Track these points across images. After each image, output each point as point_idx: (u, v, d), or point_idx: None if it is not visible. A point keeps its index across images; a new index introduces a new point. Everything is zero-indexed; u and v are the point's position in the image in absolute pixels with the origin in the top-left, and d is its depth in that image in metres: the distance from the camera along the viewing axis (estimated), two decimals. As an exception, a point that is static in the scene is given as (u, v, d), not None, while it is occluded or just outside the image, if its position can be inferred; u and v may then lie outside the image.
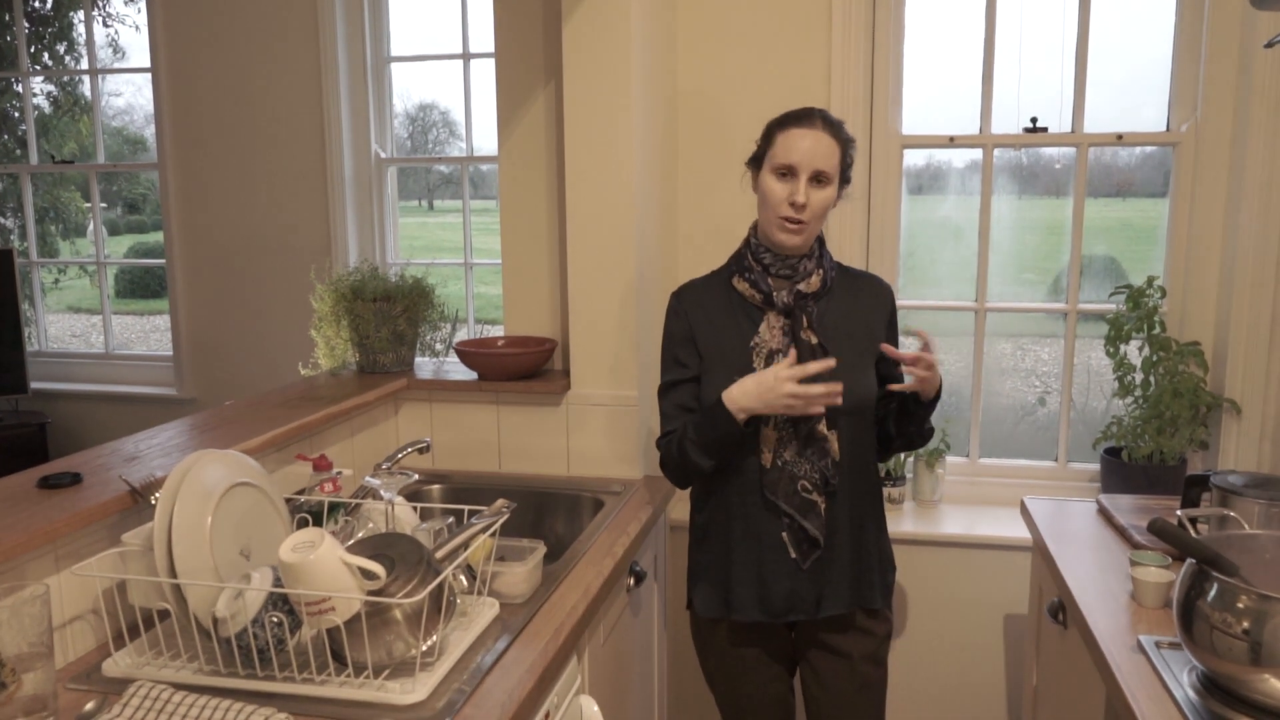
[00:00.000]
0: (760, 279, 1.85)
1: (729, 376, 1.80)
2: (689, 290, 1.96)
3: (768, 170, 1.83)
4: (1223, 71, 2.51)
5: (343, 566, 1.37)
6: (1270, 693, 1.28)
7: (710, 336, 1.88)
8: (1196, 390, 2.50)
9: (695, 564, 1.95)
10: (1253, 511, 1.72)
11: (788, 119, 1.84)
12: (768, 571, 1.85)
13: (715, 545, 1.90)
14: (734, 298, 1.89)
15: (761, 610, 1.86)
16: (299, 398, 2.22)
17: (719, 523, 1.89)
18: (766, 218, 1.84)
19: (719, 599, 1.90)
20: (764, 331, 1.85)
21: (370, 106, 3.60)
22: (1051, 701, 2.08)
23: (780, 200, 1.80)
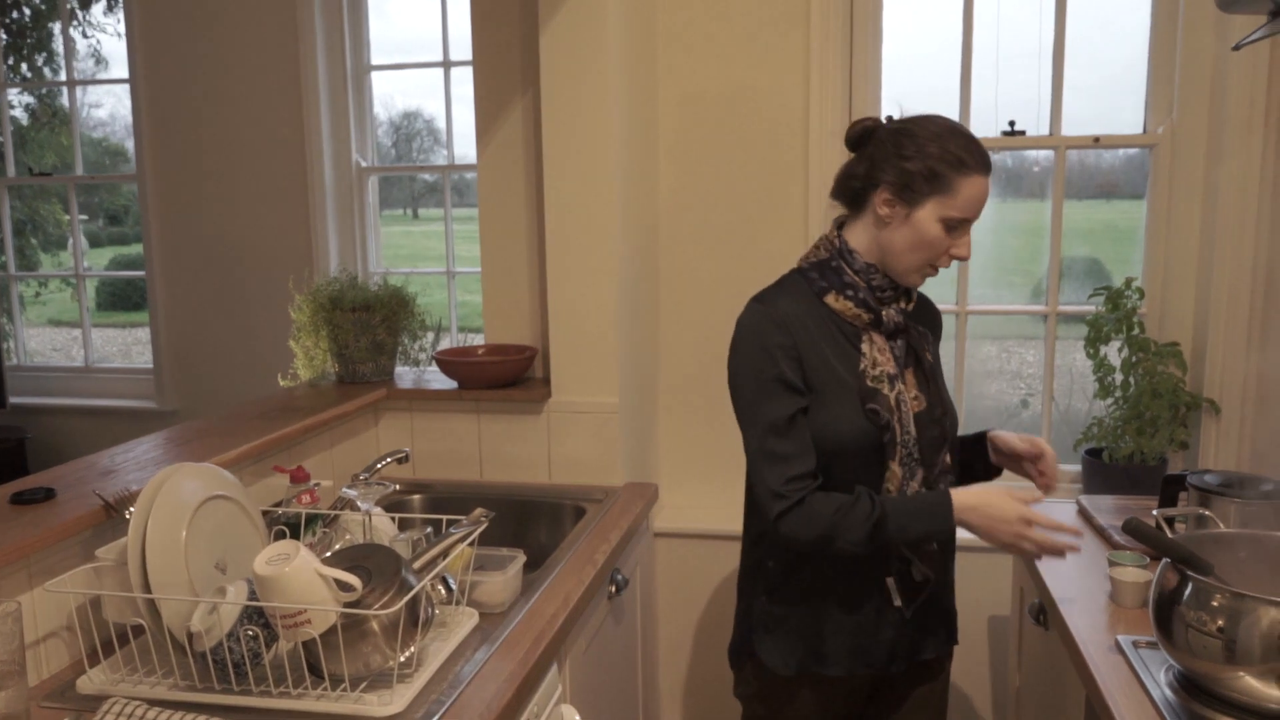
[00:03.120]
0: (869, 297, 1.63)
1: (850, 406, 1.59)
2: (778, 301, 1.65)
3: (934, 216, 1.56)
4: (1197, 74, 2.52)
5: (318, 578, 1.36)
6: (1246, 690, 1.28)
7: (818, 359, 1.61)
8: (1175, 390, 2.51)
9: (766, 615, 1.70)
10: (1229, 511, 1.73)
11: (966, 159, 1.56)
12: (867, 621, 1.66)
13: (796, 593, 1.67)
14: (827, 314, 1.64)
15: (862, 662, 1.68)
16: (277, 409, 2.21)
17: (805, 570, 1.66)
18: (911, 262, 1.61)
19: (803, 652, 1.68)
20: (871, 353, 1.63)
21: (350, 115, 3.59)
22: (1034, 702, 2.08)
23: (940, 252, 1.59)
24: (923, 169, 1.56)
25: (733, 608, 1.83)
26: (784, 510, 1.56)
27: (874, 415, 1.59)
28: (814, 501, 1.56)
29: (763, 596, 1.71)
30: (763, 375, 1.60)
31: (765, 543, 1.70)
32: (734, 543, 2.70)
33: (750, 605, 1.74)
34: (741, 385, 1.64)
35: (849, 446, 1.60)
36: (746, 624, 1.74)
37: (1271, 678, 1.26)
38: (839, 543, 1.55)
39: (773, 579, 1.69)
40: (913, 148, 1.57)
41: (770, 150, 2.68)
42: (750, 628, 1.73)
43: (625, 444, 2.41)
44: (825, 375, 1.60)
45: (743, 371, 1.63)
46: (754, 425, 1.61)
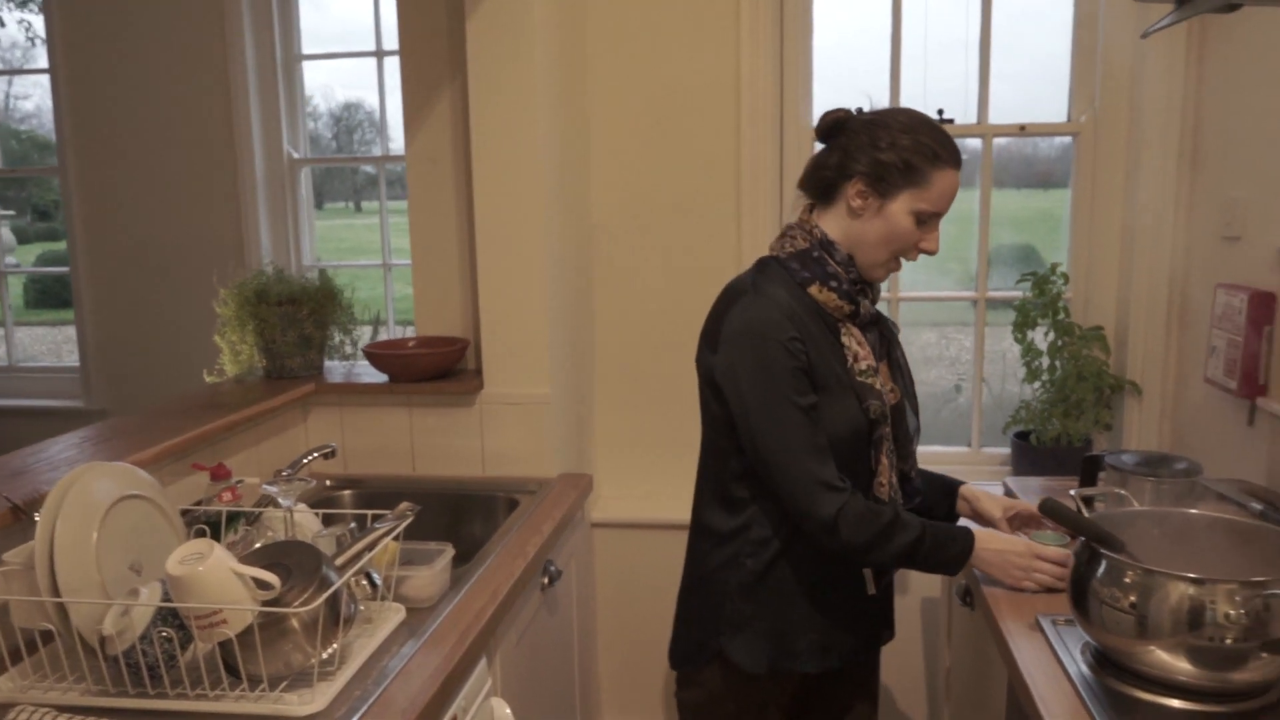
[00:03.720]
0: (851, 289, 1.62)
1: (847, 402, 1.59)
2: (775, 291, 1.60)
3: (906, 207, 1.56)
4: (1118, 64, 2.57)
5: (234, 577, 1.33)
6: (1156, 664, 1.31)
7: (818, 354, 1.58)
8: (1100, 373, 2.57)
9: (737, 613, 1.66)
10: (1144, 489, 1.77)
11: (940, 152, 1.56)
12: (838, 614, 1.68)
13: (771, 592, 1.65)
14: (811, 306, 1.61)
15: (834, 655, 1.68)
16: (200, 406, 2.16)
17: (783, 567, 1.65)
18: (879, 254, 1.60)
19: (775, 650, 1.66)
20: (852, 346, 1.61)
21: (281, 106, 3.52)
22: (963, 682, 2.12)
23: (909, 245, 1.60)
24: (897, 160, 1.55)
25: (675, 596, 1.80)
26: (845, 502, 1.54)
27: (868, 411, 1.60)
28: (867, 505, 1.56)
29: (734, 595, 1.66)
30: (781, 368, 1.54)
31: (744, 538, 1.65)
32: (672, 532, 2.72)
33: (715, 604, 1.68)
34: (754, 378, 1.56)
35: (845, 441, 1.59)
36: (708, 624, 1.69)
37: (1180, 651, 1.29)
38: (883, 550, 1.56)
39: (749, 577, 1.65)
40: (886, 139, 1.56)
41: (703, 141, 2.69)
42: (715, 628, 1.67)
43: (559, 435, 2.40)
44: (827, 372, 1.58)
45: (754, 364, 1.56)
46: (784, 420, 1.55)
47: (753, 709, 1.71)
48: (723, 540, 1.68)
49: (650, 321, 2.77)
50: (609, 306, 2.79)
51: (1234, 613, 1.25)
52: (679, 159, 2.70)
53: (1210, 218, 2.38)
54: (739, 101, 2.65)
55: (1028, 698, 1.38)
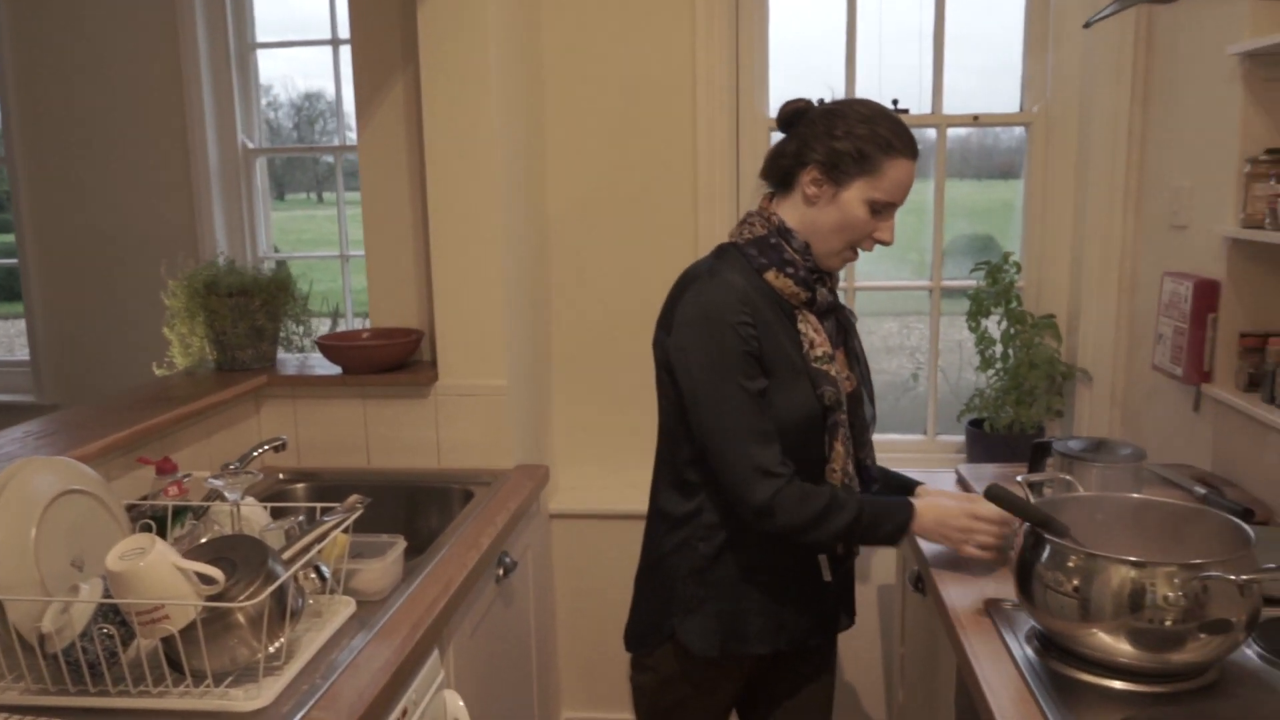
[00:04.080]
0: (808, 278, 1.62)
1: (801, 388, 1.59)
2: (731, 276, 1.60)
3: (860, 197, 1.57)
4: (1069, 55, 2.60)
5: (176, 572, 1.32)
6: (1098, 646, 1.33)
7: (771, 340, 1.58)
8: (1051, 361, 2.60)
9: (689, 597, 1.66)
10: (1090, 474, 1.79)
11: (893, 141, 1.57)
12: (793, 597, 1.68)
13: (723, 575, 1.66)
14: (768, 293, 1.62)
15: (785, 638, 1.69)
16: (149, 399, 2.13)
17: (735, 550, 1.65)
18: (833, 243, 1.61)
19: (726, 633, 1.66)
20: (809, 333, 1.61)
21: (235, 94, 3.47)
22: (917, 666, 2.14)
23: (864, 235, 1.60)
24: (851, 149, 1.56)
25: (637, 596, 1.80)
26: (780, 488, 1.54)
27: (823, 397, 1.60)
28: (802, 487, 1.56)
29: (687, 579, 1.67)
30: (731, 351, 1.55)
31: (696, 523, 1.66)
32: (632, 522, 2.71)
33: (668, 588, 1.69)
34: (703, 360, 1.57)
35: (799, 427, 1.60)
36: (661, 607, 1.70)
37: (1122, 633, 1.31)
38: (820, 530, 1.56)
39: (701, 560, 1.66)
40: (843, 128, 1.57)
41: (660, 132, 2.69)
42: (667, 611, 1.68)
43: (516, 426, 2.39)
44: (780, 357, 1.58)
45: (704, 346, 1.56)
46: (728, 401, 1.55)
47: (705, 691, 1.72)
48: (676, 524, 1.68)
49: (608, 312, 2.76)
50: (566, 297, 2.79)
51: (1173, 595, 1.28)
52: (636, 150, 2.70)
53: (1158, 207, 2.42)
54: (695, 93, 2.65)
55: (974, 682, 1.40)
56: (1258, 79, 1.96)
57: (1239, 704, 1.29)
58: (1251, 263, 2.03)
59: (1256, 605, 1.31)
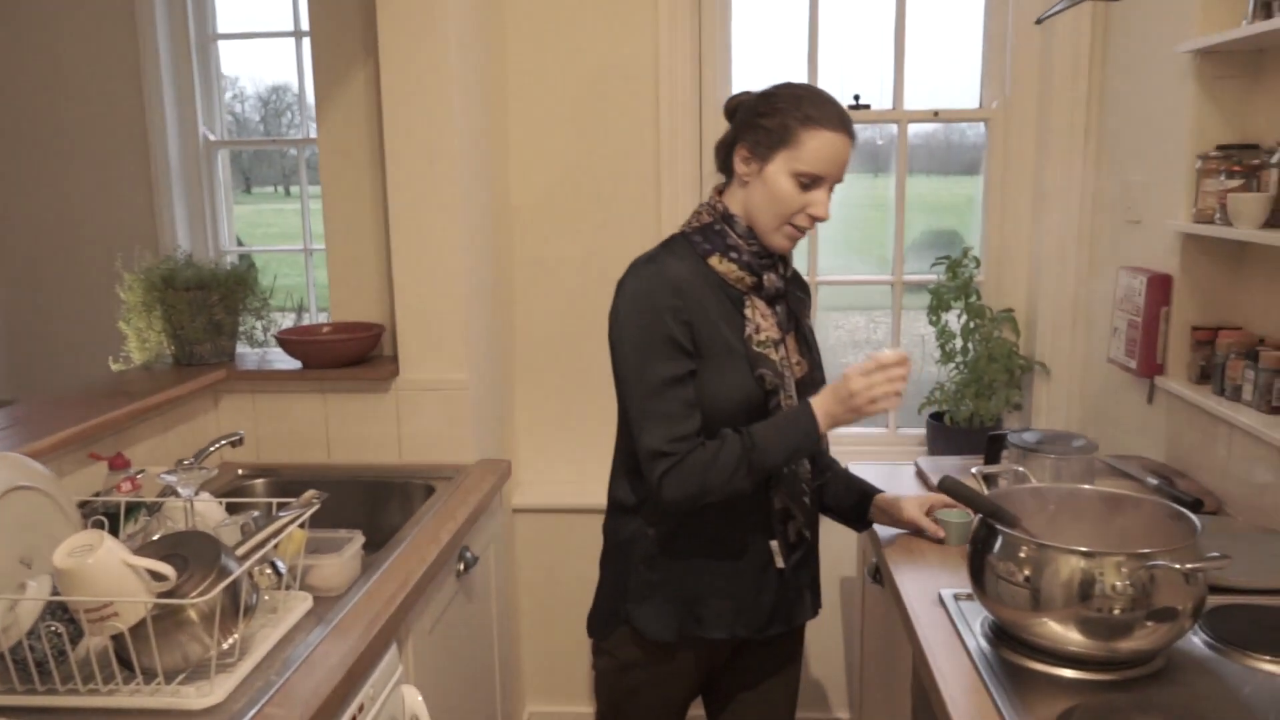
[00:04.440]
0: (753, 260, 1.64)
1: (739, 371, 1.60)
2: (668, 263, 1.63)
3: (785, 169, 1.58)
4: (1027, 51, 2.63)
5: (126, 569, 1.30)
6: (1048, 635, 1.35)
7: (706, 323, 1.60)
8: (1010, 354, 2.63)
9: (643, 582, 1.68)
10: (1044, 466, 1.82)
11: (812, 112, 1.57)
12: (747, 584, 1.68)
13: (677, 561, 1.67)
14: (712, 279, 1.64)
15: (742, 624, 1.69)
16: (104, 394, 2.10)
17: (686, 536, 1.66)
18: (769, 220, 1.62)
19: (682, 616, 1.67)
20: (755, 318, 1.64)
21: (196, 86, 3.42)
22: (877, 657, 2.16)
23: (795, 209, 1.59)
24: (774, 124, 1.58)
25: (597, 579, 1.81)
26: (667, 469, 1.55)
27: (762, 380, 1.61)
28: (691, 456, 1.56)
29: (640, 564, 1.68)
30: (651, 335, 1.57)
31: (647, 509, 1.68)
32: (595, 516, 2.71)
33: (623, 573, 1.71)
34: (628, 346, 1.60)
35: (736, 411, 1.61)
36: (618, 593, 1.72)
37: (1071, 622, 1.33)
38: (722, 487, 1.55)
39: (653, 546, 1.68)
40: (767, 106, 1.60)
41: (623, 126, 2.69)
42: (623, 596, 1.70)
43: (477, 421, 2.38)
44: (714, 339, 1.60)
45: (631, 332, 1.60)
46: (639, 385, 1.59)
47: (662, 676, 1.74)
48: (629, 511, 1.71)
49: (571, 306, 2.76)
50: (529, 291, 2.78)
51: (1121, 584, 1.30)
52: (599, 143, 2.70)
53: (1113, 202, 2.45)
54: (658, 86, 2.65)
55: (927, 671, 1.42)
56: (1208, 76, 1.99)
57: (1185, 690, 1.32)
58: (1203, 257, 2.07)
59: (1202, 593, 1.34)
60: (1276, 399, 1.79)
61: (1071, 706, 1.25)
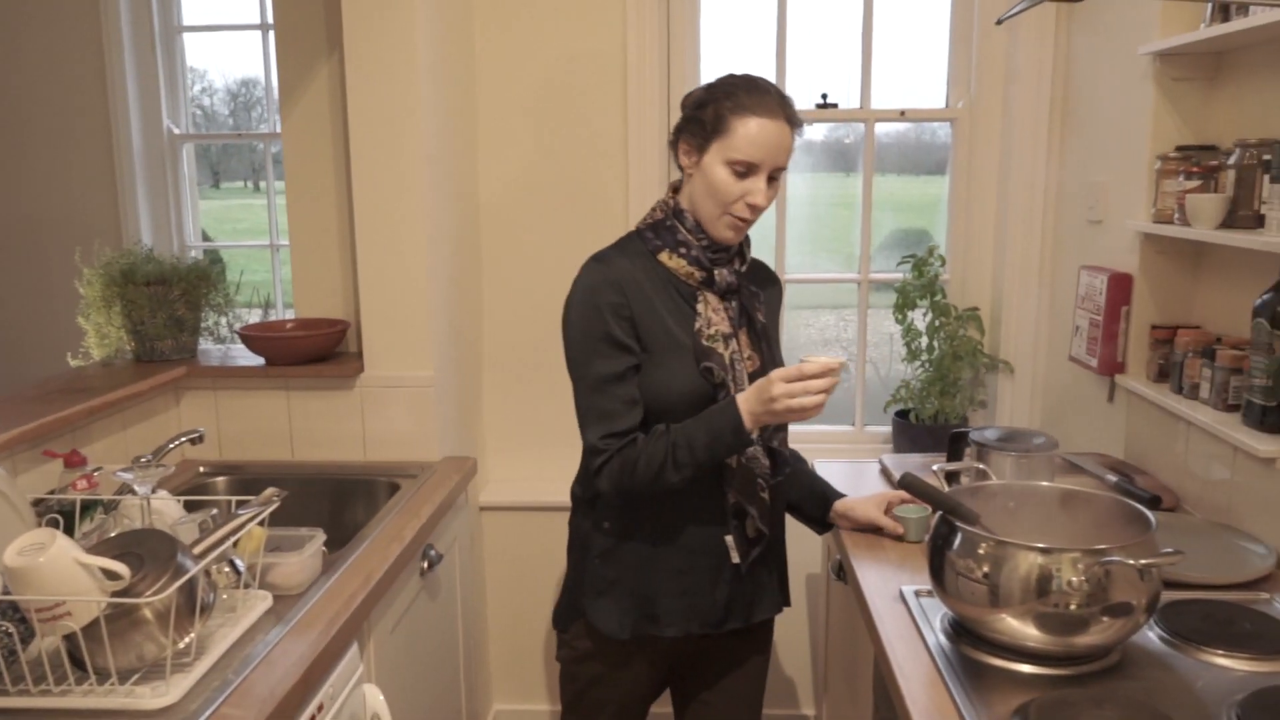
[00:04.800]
0: (702, 255, 1.65)
1: (685, 365, 1.61)
2: (615, 260, 1.66)
3: (719, 159, 1.59)
4: (992, 51, 2.65)
5: (78, 567, 1.28)
6: (1006, 631, 1.36)
7: (652, 319, 1.62)
8: (975, 353, 2.65)
9: (598, 578, 1.70)
10: (1005, 463, 1.83)
11: (744, 100, 1.58)
12: (702, 580, 1.68)
13: (631, 556, 1.68)
14: (662, 274, 1.66)
15: (697, 621, 1.70)
16: (61, 390, 2.07)
17: (640, 531, 1.67)
18: (710, 211, 1.62)
19: (636, 615, 1.69)
20: (707, 313, 1.64)
21: (161, 79, 3.38)
22: (840, 653, 2.17)
23: (734, 198, 1.60)
24: (708, 115, 1.61)
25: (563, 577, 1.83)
26: (601, 465, 1.60)
27: (709, 374, 1.62)
28: (622, 452, 1.60)
29: (595, 560, 1.70)
30: (591, 333, 1.61)
31: (601, 505, 1.70)
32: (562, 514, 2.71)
33: (581, 567, 1.73)
34: (572, 343, 1.65)
35: (683, 404, 1.62)
36: (577, 587, 1.74)
37: (1029, 618, 1.34)
38: (651, 482, 1.58)
39: (607, 541, 1.69)
40: (706, 97, 1.63)
41: (591, 122, 2.68)
42: (580, 591, 1.72)
43: (444, 418, 2.37)
44: (660, 334, 1.62)
45: (574, 329, 1.65)
46: (580, 382, 1.64)
47: (619, 670, 1.76)
48: (588, 506, 1.74)
49: (539, 303, 2.75)
50: (497, 288, 2.77)
51: (1076, 580, 1.31)
52: (568, 140, 2.69)
53: (1076, 202, 2.47)
54: (627, 84, 2.65)
55: (887, 666, 1.42)
56: (1167, 78, 2.01)
57: (1140, 684, 1.33)
58: (1162, 257, 2.09)
59: (1157, 589, 1.36)
60: (1232, 397, 1.81)
61: (1027, 701, 1.26)
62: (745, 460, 1.66)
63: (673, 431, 1.59)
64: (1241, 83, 1.93)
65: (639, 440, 1.60)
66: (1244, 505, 1.77)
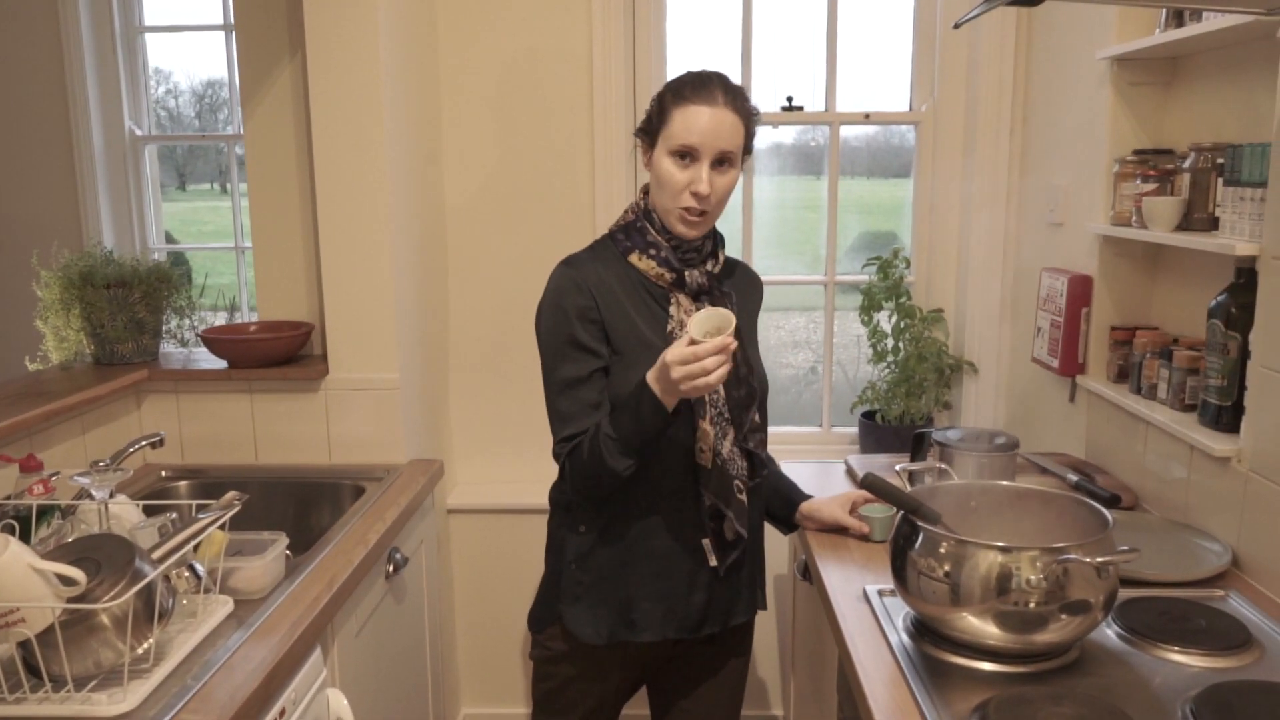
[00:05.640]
0: (671, 256, 1.64)
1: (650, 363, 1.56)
2: (585, 264, 1.66)
3: (664, 150, 1.59)
4: (955, 55, 2.68)
5: (32, 573, 1.26)
6: (967, 629, 1.38)
7: (622, 321, 1.62)
8: (939, 354, 2.68)
9: (575, 583, 1.68)
10: (967, 463, 1.85)
11: (684, 90, 1.59)
12: (679, 584, 1.67)
13: (608, 561, 1.67)
14: (634, 276, 1.66)
15: (674, 626, 1.68)
16: (18, 394, 2.03)
17: (616, 535, 1.66)
18: (664, 205, 1.62)
19: (613, 621, 1.67)
20: (678, 314, 1.63)
21: (123, 80, 3.34)
22: (806, 653, 2.18)
23: (679, 189, 1.59)
24: (654, 110, 1.63)
25: (536, 580, 1.80)
26: (561, 467, 1.63)
27: None
28: (574, 451, 1.61)
29: (571, 564, 1.69)
30: (558, 336, 1.62)
31: (579, 507, 1.68)
32: (531, 516, 2.71)
33: (557, 572, 1.72)
34: (542, 346, 1.66)
35: None
36: (553, 591, 1.73)
37: (989, 616, 1.35)
38: (599, 471, 1.57)
39: (583, 545, 1.68)
40: (656, 96, 1.65)
41: (557, 125, 2.68)
42: (557, 595, 1.71)
43: (410, 421, 2.35)
44: (630, 336, 1.62)
45: (542, 332, 1.66)
46: (548, 385, 1.65)
47: (593, 674, 1.75)
48: (565, 510, 1.73)
49: (506, 305, 2.74)
50: (464, 290, 2.76)
51: (1035, 578, 1.32)
52: (534, 141, 2.69)
53: (1038, 204, 2.50)
54: (592, 86, 2.65)
55: (849, 665, 1.43)
56: (1124, 82, 2.04)
57: (1098, 681, 1.35)
58: (1120, 259, 2.12)
59: (1114, 587, 1.37)
60: (1189, 397, 1.84)
61: (987, 699, 1.27)
62: (721, 462, 1.64)
63: (602, 423, 1.58)
64: (1196, 87, 1.96)
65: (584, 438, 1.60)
66: (1200, 504, 1.80)
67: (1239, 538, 1.68)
